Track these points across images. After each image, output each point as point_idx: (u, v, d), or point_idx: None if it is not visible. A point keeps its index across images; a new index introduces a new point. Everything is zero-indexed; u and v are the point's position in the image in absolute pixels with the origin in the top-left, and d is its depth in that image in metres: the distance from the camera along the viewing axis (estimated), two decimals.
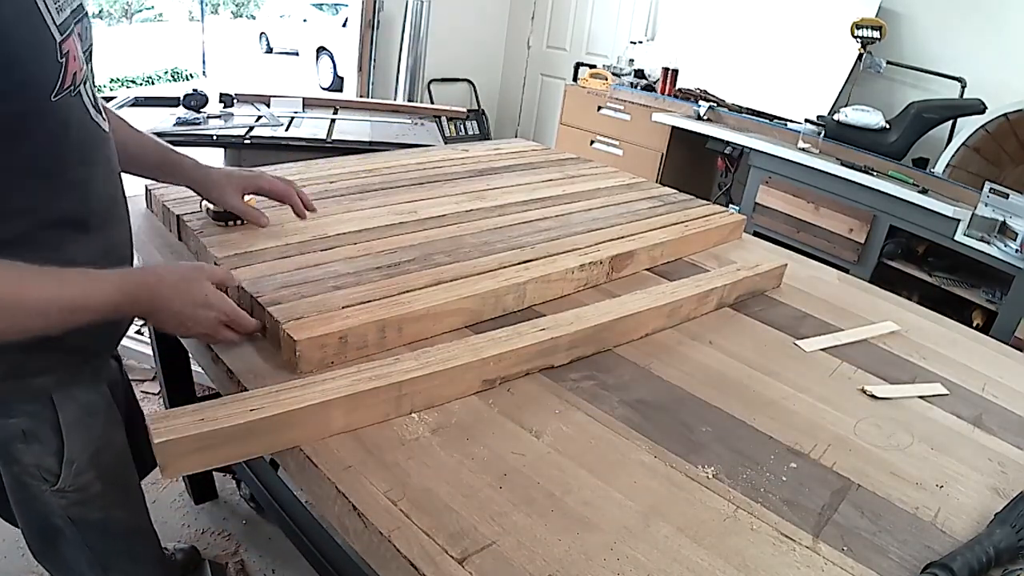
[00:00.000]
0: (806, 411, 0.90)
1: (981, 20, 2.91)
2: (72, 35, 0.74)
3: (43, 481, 0.88)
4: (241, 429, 0.69)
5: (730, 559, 0.64)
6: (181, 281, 0.81)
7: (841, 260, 2.76)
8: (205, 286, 0.82)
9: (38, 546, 0.97)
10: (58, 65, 0.71)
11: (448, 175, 1.56)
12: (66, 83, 0.73)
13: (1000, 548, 0.66)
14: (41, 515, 0.91)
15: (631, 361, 0.97)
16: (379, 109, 2.90)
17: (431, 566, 0.60)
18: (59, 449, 0.87)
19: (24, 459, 0.86)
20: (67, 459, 0.88)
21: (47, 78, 0.70)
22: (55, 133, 0.74)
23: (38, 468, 0.87)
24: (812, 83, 3.22)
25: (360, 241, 1.13)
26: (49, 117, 0.73)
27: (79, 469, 0.89)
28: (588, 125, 3.89)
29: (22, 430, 0.85)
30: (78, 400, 0.88)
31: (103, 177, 0.85)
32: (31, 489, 0.89)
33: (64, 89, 0.72)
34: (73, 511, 0.91)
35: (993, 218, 2.30)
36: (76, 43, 0.74)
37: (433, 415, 0.80)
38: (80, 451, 0.89)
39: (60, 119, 0.74)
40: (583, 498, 0.70)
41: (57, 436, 0.86)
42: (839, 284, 1.39)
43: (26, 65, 0.68)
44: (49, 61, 0.70)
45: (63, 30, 0.72)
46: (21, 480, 0.88)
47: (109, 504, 0.95)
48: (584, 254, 1.16)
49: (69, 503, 0.91)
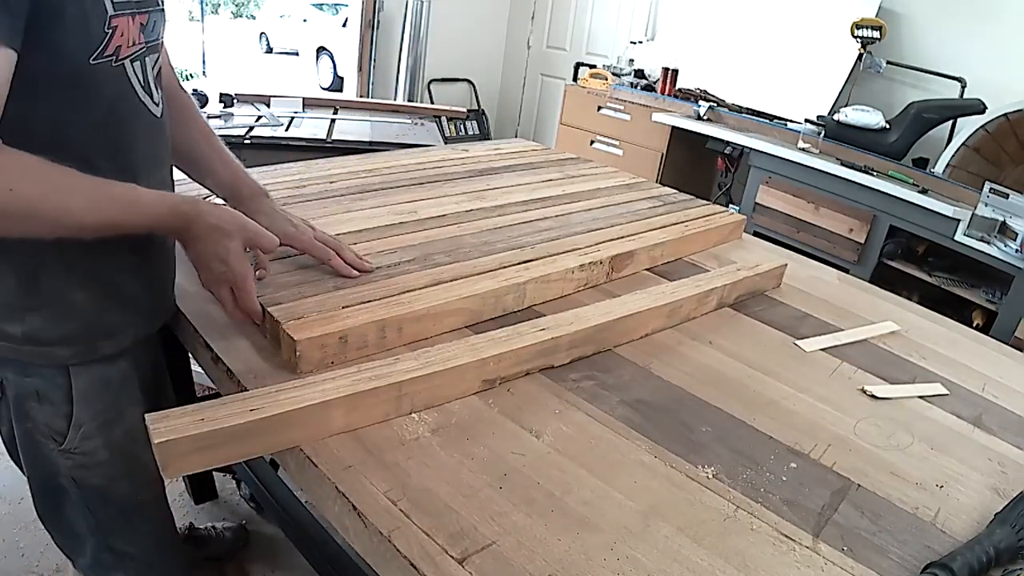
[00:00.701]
0: (806, 411, 0.90)
1: (981, 20, 2.91)
2: (127, 16, 0.80)
3: (51, 440, 0.91)
4: (241, 429, 0.69)
5: (730, 559, 0.64)
6: (213, 228, 0.83)
7: (841, 260, 2.76)
8: (232, 243, 0.84)
9: (42, 506, 0.99)
10: (103, 34, 0.76)
11: (448, 175, 1.56)
12: (107, 51, 0.77)
13: (1000, 548, 0.66)
14: (48, 473, 0.94)
15: (631, 361, 0.97)
16: (379, 109, 2.90)
17: (431, 566, 0.60)
18: (69, 413, 0.90)
19: (36, 417, 0.89)
20: (75, 423, 0.90)
21: (90, 42, 0.75)
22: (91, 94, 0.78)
23: (48, 427, 0.90)
24: (812, 83, 3.22)
25: (360, 241, 1.13)
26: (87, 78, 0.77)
27: (86, 434, 0.92)
28: (588, 125, 3.89)
29: (36, 390, 0.88)
30: (92, 373, 0.90)
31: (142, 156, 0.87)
32: (41, 447, 0.91)
33: (104, 56, 0.77)
34: (77, 473, 0.94)
35: (993, 218, 2.30)
36: (130, 24, 0.80)
37: (433, 415, 0.80)
38: (89, 419, 0.91)
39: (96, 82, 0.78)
40: (583, 498, 0.70)
41: (68, 402, 0.89)
42: (839, 284, 1.39)
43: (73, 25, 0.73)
44: (96, 28, 0.75)
45: (117, 8, 0.78)
46: (33, 436, 0.91)
47: (114, 474, 0.96)
48: (584, 254, 1.16)
49: (74, 464, 0.93)
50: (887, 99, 3.13)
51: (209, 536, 1.60)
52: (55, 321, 0.84)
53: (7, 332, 0.84)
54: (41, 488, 0.96)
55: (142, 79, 0.85)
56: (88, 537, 1.00)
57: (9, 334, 0.84)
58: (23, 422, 0.90)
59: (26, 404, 0.89)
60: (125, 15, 0.79)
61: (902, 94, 3.12)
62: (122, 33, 0.79)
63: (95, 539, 1.00)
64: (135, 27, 0.81)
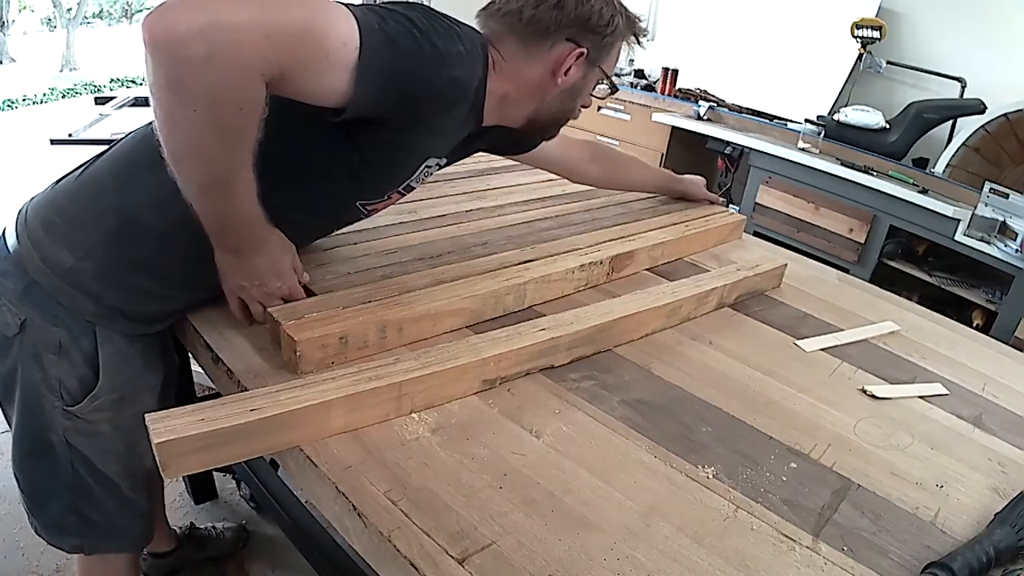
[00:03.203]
0: (806, 411, 0.90)
1: (981, 20, 2.90)
2: (398, 194, 1.00)
3: (58, 397, 0.91)
4: (241, 429, 0.69)
5: (730, 559, 0.64)
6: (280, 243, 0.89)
7: (841, 260, 2.76)
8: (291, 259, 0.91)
9: (20, 455, 0.98)
10: (382, 198, 0.99)
11: (448, 175, 1.55)
12: (369, 207, 1.00)
13: (1000, 548, 0.66)
14: (40, 426, 0.94)
15: (631, 361, 0.97)
16: None
17: (431, 566, 0.60)
18: (86, 376, 0.91)
19: (50, 370, 0.90)
20: (95, 392, 0.92)
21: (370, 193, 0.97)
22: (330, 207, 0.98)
23: (60, 383, 0.90)
24: (812, 83, 3.22)
25: (360, 241, 1.13)
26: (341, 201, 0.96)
27: (100, 406, 0.93)
28: (588, 125, 3.89)
29: (59, 341, 0.88)
30: (116, 342, 0.91)
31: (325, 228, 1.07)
32: (43, 399, 0.91)
33: (366, 208, 1.00)
34: (73, 436, 0.94)
35: (993, 218, 2.30)
36: (397, 198, 1.02)
37: (433, 415, 0.80)
38: (108, 391, 0.92)
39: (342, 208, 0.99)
40: (583, 498, 0.70)
41: (89, 366, 0.90)
42: (839, 284, 1.39)
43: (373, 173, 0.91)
44: (381, 191, 0.97)
45: (405, 189, 0.99)
46: (37, 387, 0.91)
47: (108, 450, 0.97)
48: (584, 254, 1.16)
49: (73, 427, 0.93)
50: (887, 99, 3.13)
51: (209, 536, 1.60)
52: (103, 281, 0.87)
53: (55, 258, 0.85)
54: (26, 438, 0.96)
55: (369, 205, 1.00)
56: (60, 494, 0.98)
57: (54, 261, 0.86)
58: (33, 371, 0.90)
59: (43, 355, 0.89)
60: (400, 193, 1.00)
61: (902, 94, 3.11)
62: (387, 204, 1.02)
63: (66, 499, 0.98)
64: (397, 198, 1.02)
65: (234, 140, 0.70)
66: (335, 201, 0.95)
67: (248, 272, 0.87)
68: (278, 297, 0.89)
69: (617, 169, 1.44)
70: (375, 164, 0.89)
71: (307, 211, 0.94)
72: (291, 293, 0.90)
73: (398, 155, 0.91)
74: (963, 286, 2.51)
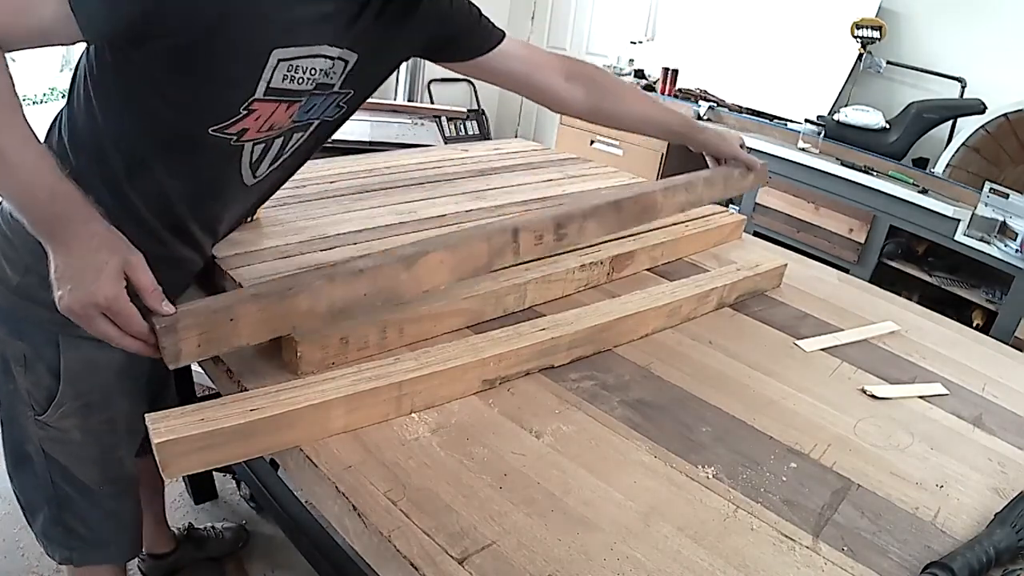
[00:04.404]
0: (806, 411, 0.90)
1: (981, 20, 2.90)
2: (280, 105, 0.78)
3: (30, 407, 0.91)
4: (241, 429, 0.69)
5: (730, 559, 0.64)
6: (102, 242, 0.67)
7: (841, 260, 2.76)
8: (116, 260, 0.67)
9: (11, 466, 0.99)
10: (236, 113, 0.76)
11: (448, 175, 1.55)
12: (229, 130, 0.77)
13: (1000, 548, 0.66)
14: (18, 437, 0.95)
15: (631, 361, 0.97)
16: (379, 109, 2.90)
17: (431, 566, 0.60)
18: (51, 386, 0.90)
19: (19, 381, 0.90)
20: (57, 400, 0.91)
21: (216, 113, 0.76)
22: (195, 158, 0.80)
23: (29, 394, 0.91)
24: (812, 83, 3.22)
25: (360, 241, 1.13)
26: (196, 140, 0.77)
27: (65, 413, 0.92)
28: (588, 125, 3.89)
29: (23, 354, 0.88)
30: (83, 352, 0.90)
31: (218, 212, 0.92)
32: (17, 410, 0.92)
33: (225, 133, 0.77)
34: (47, 445, 0.94)
35: (993, 218, 2.30)
36: (280, 111, 0.79)
37: (433, 415, 0.80)
38: (71, 398, 0.91)
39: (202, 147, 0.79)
40: (583, 498, 0.70)
41: (52, 375, 0.89)
42: (839, 284, 1.39)
43: (205, 88, 0.73)
44: (230, 104, 0.75)
45: (271, 94, 0.76)
46: (12, 400, 0.92)
47: (84, 457, 0.97)
48: (584, 254, 1.16)
49: (46, 436, 0.93)
50: (887, 99, 3.13)
51: (209, 536, 1.61)
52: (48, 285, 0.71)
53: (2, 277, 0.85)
54: (10, 449, 0.97)
55: (257, 159, 0.85)
56: (43, 505, 0.99)
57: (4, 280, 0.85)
58: (7, 381, 0.91)
59: (12, 366, 0.89)
60: (274, 102, 0.77)
61: (902, 94, 3.11)
62: (258, 117, 0.77)
63: (49, 510, 0.99)
64: (283, 114, 0.79)
65: None
66: (181, 140, 0.77)
67: (60, 271, 0.66)
68: (98, 312, 0.67)
69: (607, 96, 1.12)
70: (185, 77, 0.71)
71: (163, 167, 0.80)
72: (109, 305, 0.66)
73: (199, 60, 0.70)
74: (963, 286, 2.51)
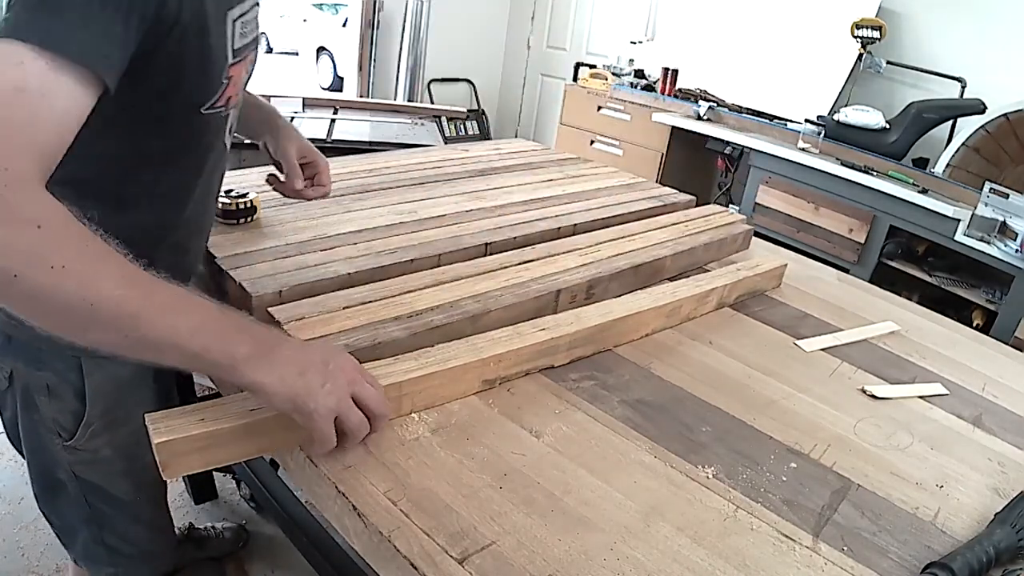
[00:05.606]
0: (806, 411, 0.90)
1: (981, 20, 2.91)
2: (242, 62, 0.78)
3: (56, 435, 0.91)
4: (241, 429, 0.69)
5: (730, 559, 0.64)
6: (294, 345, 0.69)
7: (841, 260, 2.76)
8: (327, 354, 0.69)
9: (41, 493, 0.99)
10: (221, 85, 0.76)
11: (448, 175, 1.55)
12: (218, 103, 0.77)
13: (1000, 548, 0.66)
14: (48, 465, 0.94)
15: (631, 361, 0.97)
16: (379, 109, 2.90)
17: (431, 566, 0.60)
18: (78, 410, 0.90)
19: (44, 411, 0.89)
20: (85, 421, 0.90)
21: (207, 92, 0.75)
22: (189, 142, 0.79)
23: (55, 422, 0.90)
24: (812, 83, 3.22)
25: (360, 241, 1.13)
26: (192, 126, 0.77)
27: (95, 432, 0.92)
28: (588, 125, 3.89)
29: (47, 384, 0.87)
30: (106, 369, 0.90)
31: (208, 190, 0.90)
32: (44, 439, 0.91)
33: (215, 108, 0.77)
34: (79, 468, 0.94)
35: (993, 218, 2.30)
36: (242, 70, 0.79)
37: (433, 415, 0.80)
38: (99, 417, 0.91)
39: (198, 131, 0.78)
40: (583, 498, 0.70)
41: (79, 399, 0.89)
42: (839, 284, 1.39)
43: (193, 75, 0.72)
44: (215, 78, 0.74)
45: (236, 55, 0.76)
46: (37, 428, 0.91)
47: (115, 472, 0.97)
48: (584, 254, 1.16)
49: (76, 460, 0.93)
50: (887, 99, 3.13)
51: (209, 536, 1.61)
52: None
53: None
54: (40, 477, 0.97)
55: (232, 124, 0.85)
56: (82, 528, 0.99)
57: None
58: (30, 413, 0.90)
59: (35, 397, 0.88)
60: (240, 62, 0.77)
61: (902, 94, 3.12)
62: (235, 83, 0.77)
63: (88, 531, 1.00)
64: (245, 70, 0.80)
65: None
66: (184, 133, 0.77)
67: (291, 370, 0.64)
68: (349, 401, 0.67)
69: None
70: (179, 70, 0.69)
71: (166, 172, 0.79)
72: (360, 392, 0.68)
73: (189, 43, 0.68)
74: (963, 286, 2.52)
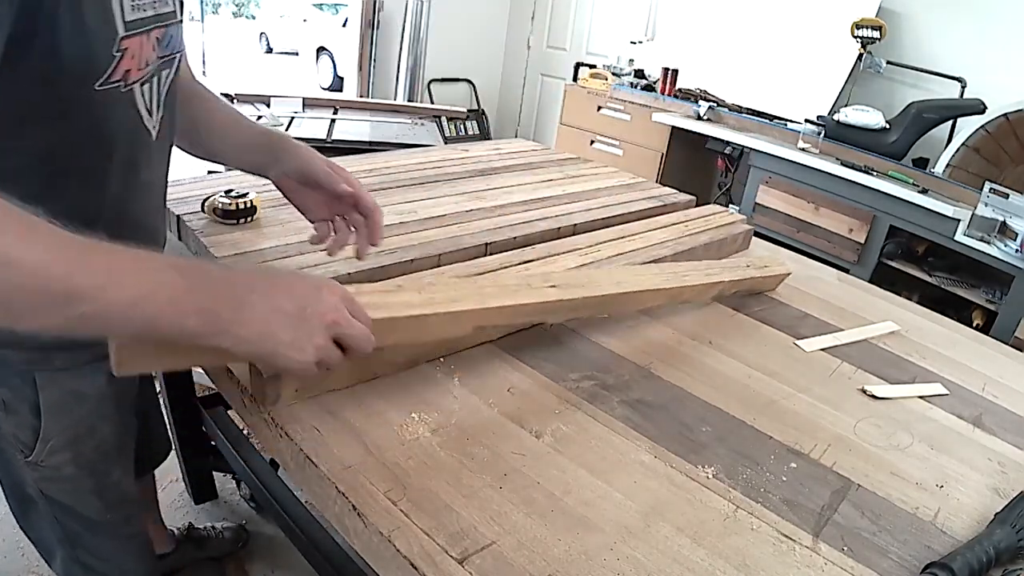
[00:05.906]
0: (806, 411, 0.90)
1: (981, 20, 2.91)
2: (142, 35, 0.73)
3: (18, 451, 0.90)
4: None
5: (730, 559, 0.64)
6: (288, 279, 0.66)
7: (841, 260, 2.76)
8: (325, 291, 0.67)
9: (15, 509, 0.98)
10: (111, 58, 0.70)
11: (448, 175, 1.55)
12: (114, 77, 0.72)
13: (1000, 548, 0.66)
14: (16, 482, 0.93)
15: (631, 361, 0.97)
16: (379, 109, 2.90)
17: (431, 566, 0.60)
18: (35, 425, 0.88)
19: (3, 427, 0.88)
20: (42, 437, 0.88)
21: (95, 67, 0.69)
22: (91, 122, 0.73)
23: (15, 438, 0.88)
24: (812, 83, 3.22)
25: None
26: (90, 104, 0.71)
27: (53, 448, 0.90)
28: (588, 125, 3.89)
29: (3, 400, 0.86)
30: (62, 385, 0.87)
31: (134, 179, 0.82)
32: (8, 455, 0.90)
33: (111, 82, 0.72)
34: (44, 485, 0.93)
35: (993, 218, 2.30)
36: (145, 44, 0.74)
37: (433, 415, 0.80)
38: (58, 433, 0.89)
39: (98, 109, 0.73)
40: (583, 498, 0.70)
41: (35, 415, 0.87)
42: (839, 284, 1.39)
43: (74, 51, 0.66)
44: (103, 52, 0.69)
45: (131, 27, 0.71)
46: (1, 447, 0.90)
47: (82, 490, 0.95)
48: (584, 254, 1.16)
49: (41, 477, 0.92)
50: (887, 99, 3.14)
51: (209, 536, 1.60)
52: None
53: None
54: (12, 494, 0.96)
55: (149, 101, 0.80)
56: (57, 547, 0.98)
57: None
58: None
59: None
60: (139, 34, 0.72)
61: (902, 94, 3.12)
62: (133, 55, 0.73)
63: (63, 550, 0.98)
64: (150, 44, 0.75)
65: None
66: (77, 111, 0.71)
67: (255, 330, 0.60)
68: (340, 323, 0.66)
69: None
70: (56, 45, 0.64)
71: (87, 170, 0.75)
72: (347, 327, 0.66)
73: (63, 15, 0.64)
74: (963, 286, 2.52)
